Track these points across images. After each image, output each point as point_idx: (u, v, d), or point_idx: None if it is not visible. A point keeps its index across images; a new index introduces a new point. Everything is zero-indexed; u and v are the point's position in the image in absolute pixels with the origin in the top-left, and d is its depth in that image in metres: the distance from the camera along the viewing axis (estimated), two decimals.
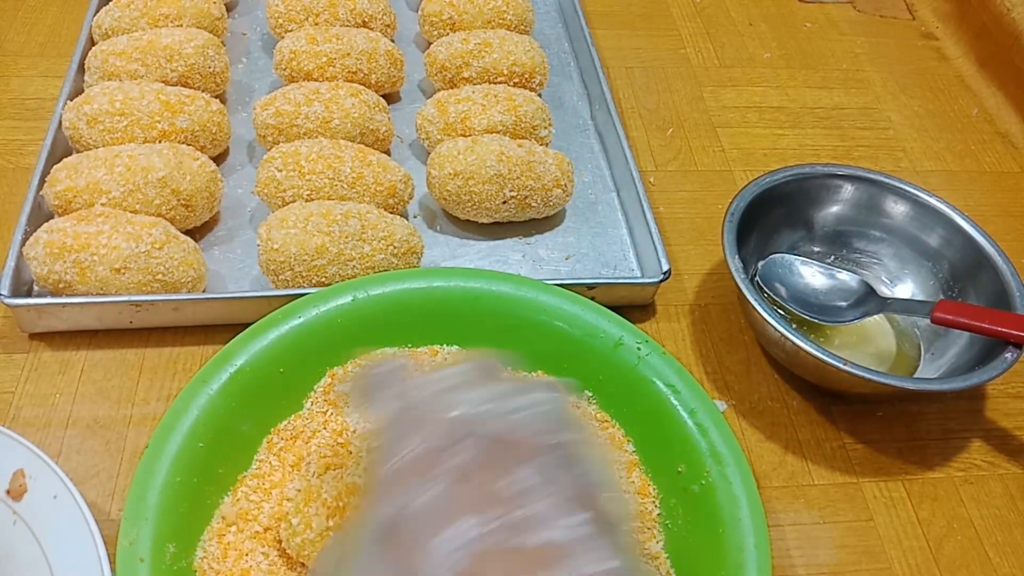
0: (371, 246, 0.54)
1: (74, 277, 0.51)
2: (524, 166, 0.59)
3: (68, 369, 0.52)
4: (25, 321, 0.53)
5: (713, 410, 0.46)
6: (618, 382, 0.49)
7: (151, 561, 0.39)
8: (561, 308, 0.50)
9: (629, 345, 0.48)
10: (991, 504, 0.52)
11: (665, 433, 0.46)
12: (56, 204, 0.55)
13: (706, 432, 0.45)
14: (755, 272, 0.58)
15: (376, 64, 0.66)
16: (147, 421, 0.50)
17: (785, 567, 0.48)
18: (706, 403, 0.46)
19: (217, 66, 0.65)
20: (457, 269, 0.53)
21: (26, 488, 0.43)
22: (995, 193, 0.72)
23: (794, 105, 0.77)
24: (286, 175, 0.57)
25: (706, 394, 0.47)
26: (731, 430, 0.45)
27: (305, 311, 0.48)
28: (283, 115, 0.61)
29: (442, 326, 0.51)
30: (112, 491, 0.47)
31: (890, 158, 0.74)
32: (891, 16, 0.89)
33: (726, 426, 0.45)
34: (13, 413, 0.50)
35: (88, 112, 0.58)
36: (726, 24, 0.85)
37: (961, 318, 0.52)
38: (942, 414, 0.56)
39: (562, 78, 0.75)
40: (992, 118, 0.79)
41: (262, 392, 0.46)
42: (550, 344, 0.50)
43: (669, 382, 0.47)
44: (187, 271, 0.53)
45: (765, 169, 0.59)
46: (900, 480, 0.52)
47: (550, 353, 0.50)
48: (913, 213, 0.59)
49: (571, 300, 0.50)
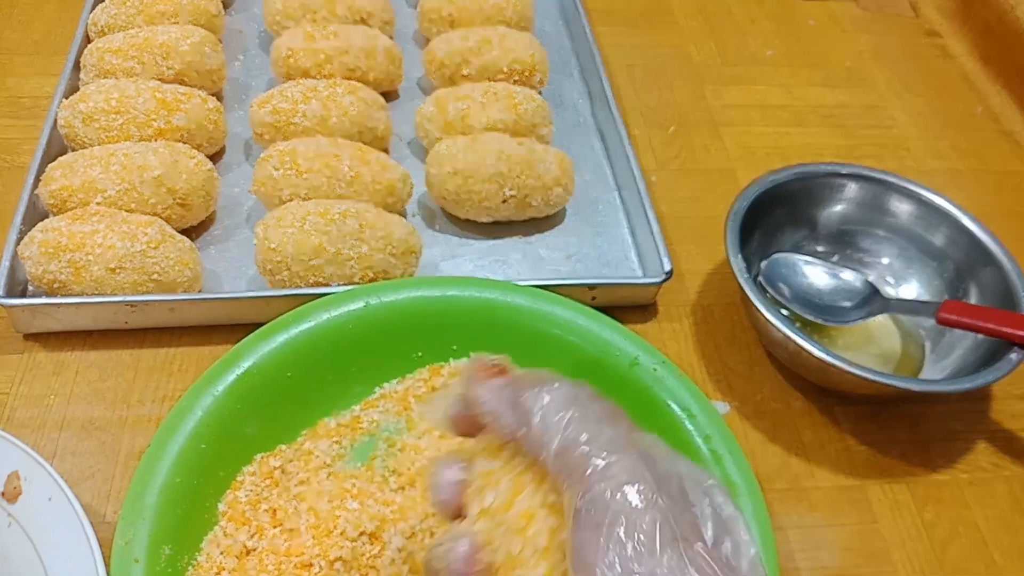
0: (369, 245, 0.53)
1: (69, 277, 0.51)
2: (524, 165, 0.58)
3: (63, 370, 0.52)
4: (20, 321, 0.52)
5: (728, 437, 0.45)
6: (632, 402, 0.47)
7: (146, 562, 0.39)
8: (576, 323, 0.49)
9: (645, 365, 0.48)
10: (996, 506, 0.51)
11: None
12: (51, 203, 0.55)
13: (720, 460, 0.44)
14: (758, 272, 0.58)
15: (374, 61, 0.66)
16: (143, 422, 0.50)
17: (789, 570, 0.47)
18: (721, 429, 0.45)
19: (213, 64, 0.64)
20: (472, 279, 0.52)
21: (21, 490, 0.42)
22: (1000, 192, 0.71)
23: (797, 103, 0.77)
24: (283, 174, 0.56)
25: (721, 419, 0.46)
26: (746, 459, 0.44)
27: (315, 315, 0.48)
28: (280, 113, 0.60)
29: (455, 336, 0.50)
30: (107, 493, 0.47)
31: (894, 157, 0.73)
32: (894, 13, 0.89)
33: (741, 454, 0.44)
34: (7, 414, 0.49)
35: (84, 110, 0.58)
36: (728, 22, 0.85)
37: (966, 318, 0.51)
38: (947, 415, 0.55)
39: (563, 76, 0.75)
40: (996, 116, 0.78)
41: (268, 395, 0.46)
42: (564, 359, 0.49)
43: (685, 405, 0.46)
44: (183, 271, 0.52)
45: (768, 168, 0.59)
46: (904, 482, 0.52)
47: (564, 369, 0.49)
48: (917, 212, 0.59)
49: (587, 315, 0.50)
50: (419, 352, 0.50)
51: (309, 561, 0.41)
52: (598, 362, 0.48)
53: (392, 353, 0.50)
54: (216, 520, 0.43)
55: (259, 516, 0.43)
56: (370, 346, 0.49)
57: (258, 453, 0.46)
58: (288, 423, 0.47)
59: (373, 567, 0.42)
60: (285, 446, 0.47)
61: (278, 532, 0.42)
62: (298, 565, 0.41)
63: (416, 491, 0.44)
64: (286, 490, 0.44)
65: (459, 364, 0.50)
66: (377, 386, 0.50)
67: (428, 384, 0.50)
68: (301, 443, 0.47)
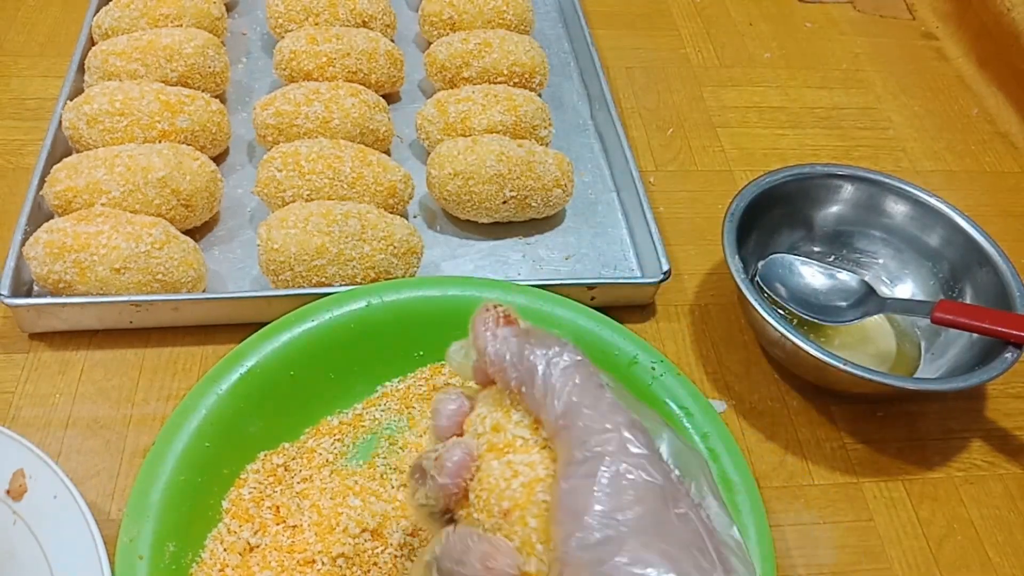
0: (371, 246, 0.54)
1: (74, 277, 0.51)
2: (524, 166, 0.59)
3: (68, 369, 0.52)
4: (25, 321, 0.53)
5: (726, 435, 0.45)
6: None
7: (150, 559, 0.39)
8: (575, 323, 0.50)
9: (643, 364, 0.48)
10: (991, 504, 0.52)
11: None
12: (56, 204, 0.55)
13: (717, 457, 0.45)
14: (755, 272, 0.58)
15: (376, 64, 0.66)
16: (147, 421, 0.50)
17: (785, 567, 0.48)
18: (719, 427, 0.46)
19: (217, 66, 0.65)
20: (473, 279, 0.52)
21: (26, 488, 0.43)
22: (995, 193, 0.72)
23: (794, 105, 0.77)
24: (286, 175, 0.56)
25: (719, 418, 0.46)
26: (743, 457, 0.45)
27: (318, 315, 0.48)
28: (283, 115, 0.61)
29: (455, 335, 0.50)
30: (112, 491, 0.47)
31: (890, 158, 0.73)
32: (891, 16, 0.89)
33: (738, 452, 0.45)
34: (13, 413, 0.50)
35: (88, 112, 0.58)
36: (726, 24, 0.85)
37: (961, 318, 0.52)
38: (942, 414, 0.56)
39: (562, 78, 0.75)
40: (992, 118, 0.79)
41: (271, 394, 0.46)
42: None
43: (682, 404, 0.47)
44: (187, 271, 0.53)
45: (765, 169, 0.59)
46: (900, 480, 0.52)
47: None
48: (913, 213, 0.59)
49: (586, 315, 0.50)
50: (420, 351, 0.50)
51: (312, 557, 0.42)
52: (597, 361, 0.48)
53: (394, 352, 0.50)
54: (220, 517, 0.43)
55: (262, 513, 0.44)
56: (372, 345, 0.49)
57: (261, 451, 0.46)
58: (291, 421, 0.48)
59: (375, 563, 0.42)
60: (288, 444, 0.47)
61: (281, 529, 0.43)
62: (301, 562, 0.41)
63: None
64: (289, 487, 0.45)
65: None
66: (379, 384, 0.50)
67: (429, 383, 0.50)
68: (304, 441, 0.47)
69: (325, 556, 0.42)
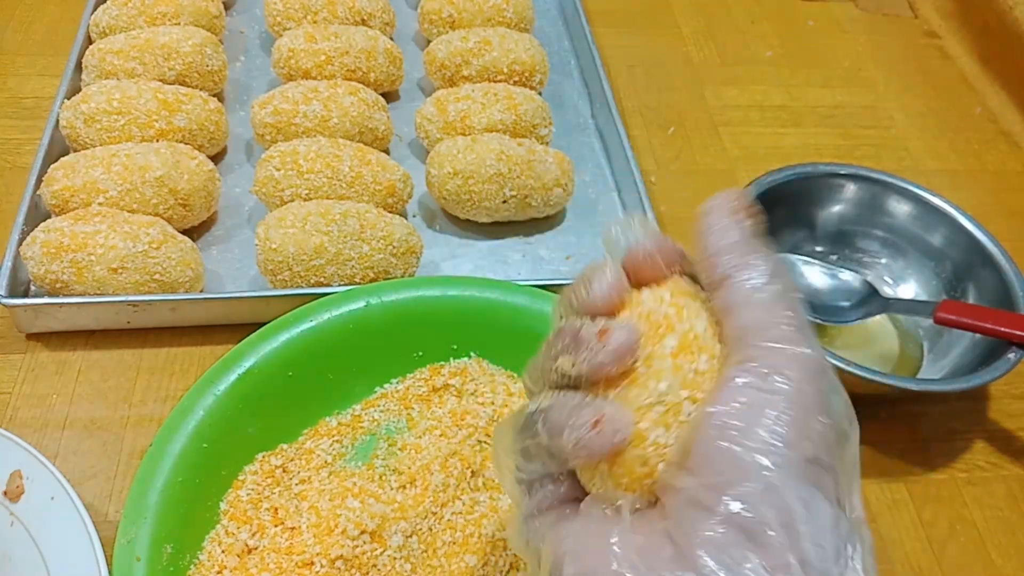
0: (370, 246, 0.53)
1: (71, 277, 0.51)
2: (524, 165, 0.58)
3: (65, 370, 0.52)
4: (22, 321, 0.52)
5: None
6: None
7: (148, 560, 0.39)
8: None
9: None
10: (994, 506, 0.51)
11: None
12: (53, 203, 0.55)
13: None
14: None
15: (375, 62, 0.66)
16: (145, 422, 0.50)
17: None
18: None
19: (215, 64, 0.64)
20: (472, 279, 0.52)
21: (23, 489, 0.42)
22: (998, 192, 0.71)
23: (796, 104, 0.77)
24: (284, 174, 0.56)
25: None
26: None
27: (317, 315, 0.48)
28: (281, 114, 0.60)
29: (455, 336, 0.50)
30: (109, 492, 0.47)
31: (893, 157, 0.73)
32: (894, 14, 0.89)
33: None
34: (10, 414, 0.50)
35: (85, 111, 0.58)
36: (728, 22, 0.85)
37: (964, 318, 0.51)
38: (945, 415, 0.56)
39: (562, 76, 0.75)
40: (995, 117, 0.78)
41: (270, 395, 0.46)
42: None
43: None
44: (185, 271, 0.53)
45: (767, 168, 0.59)
46: (903, 481, 0.52)
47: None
48: (916, 213, 0.59)
49: None
50: (419, 352, 0.50)
51: (310, 560, 0.41)
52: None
53: (393, 352, 0.50)
54: (218, 519, 0.43)
55: (260, 515, 0.43)
56: (371, 345, 0.49)
57: (259, 452, 0.46)
58: (289, 422, 0.47)
59: (374, 565, 0.42)
60: (286, 445, 0.47)
61: (279, 531, 0.43)
62: (299, 564, 0.41)
63: (417, 490, 0.45)
64: (287, 489, 0.45)
65: (459, 364, 0.50)
66: (378, 385, 0.50)
67: (428, 384, 0.50)
68: (302, 442, 0.47)
69: (323, 558, 0.41)
